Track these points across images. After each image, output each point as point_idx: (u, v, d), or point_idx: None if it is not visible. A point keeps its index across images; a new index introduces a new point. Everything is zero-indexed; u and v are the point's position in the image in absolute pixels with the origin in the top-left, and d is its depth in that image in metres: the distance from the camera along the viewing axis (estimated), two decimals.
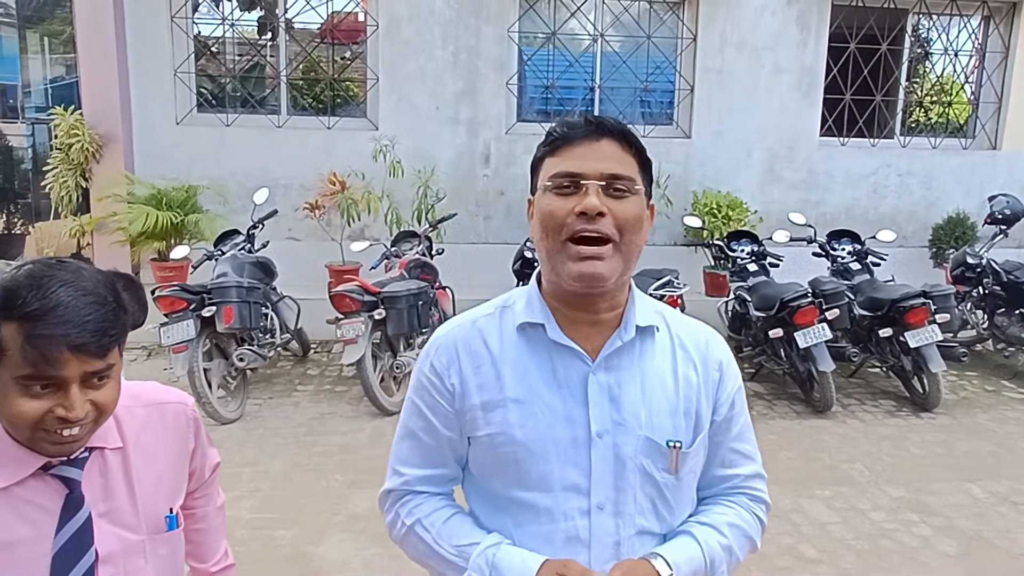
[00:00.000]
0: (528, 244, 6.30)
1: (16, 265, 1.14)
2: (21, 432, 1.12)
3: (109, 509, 1.21)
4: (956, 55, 8.32)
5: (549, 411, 1.27)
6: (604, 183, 1.22)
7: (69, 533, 1.16)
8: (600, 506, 1.27)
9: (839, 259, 6.31)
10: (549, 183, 1.25)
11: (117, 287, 1.18)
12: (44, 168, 7.29)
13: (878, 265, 6.28)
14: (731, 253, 6.34)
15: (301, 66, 7.79)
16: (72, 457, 1.18)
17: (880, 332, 5.65)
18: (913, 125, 8.56)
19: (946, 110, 8.57)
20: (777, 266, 6.20)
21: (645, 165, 1.30)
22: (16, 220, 9.16)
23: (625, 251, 1.24)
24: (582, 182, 1.22)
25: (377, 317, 5.19)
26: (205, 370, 4.97)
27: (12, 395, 1.09)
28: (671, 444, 1.29)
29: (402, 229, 6.77)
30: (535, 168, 1.32)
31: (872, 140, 8.16)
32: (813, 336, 5.29)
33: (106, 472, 1.22)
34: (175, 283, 5.13)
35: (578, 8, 7.65)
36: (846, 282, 5.96)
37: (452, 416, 1.32)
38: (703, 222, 6.89)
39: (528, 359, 1.30)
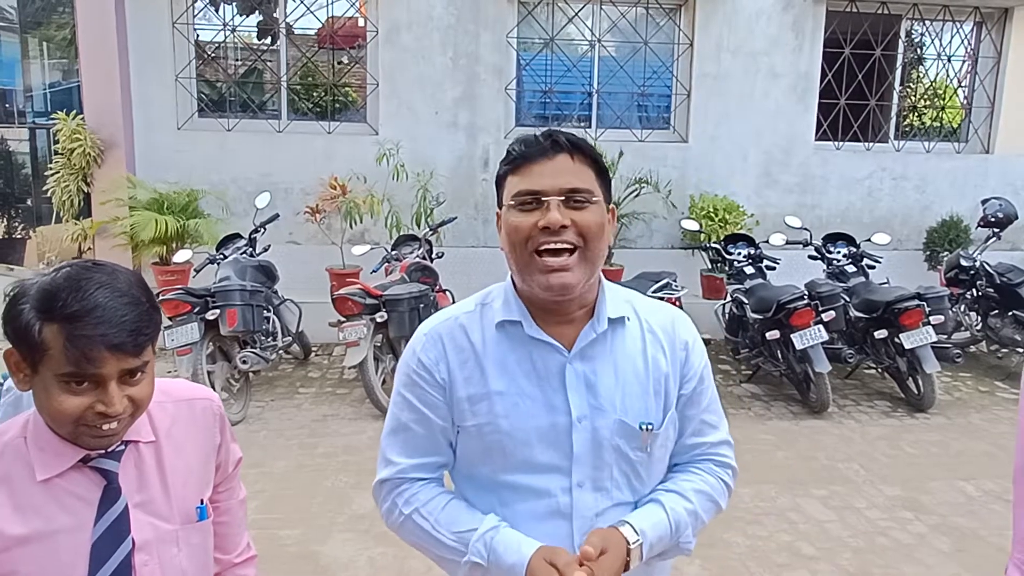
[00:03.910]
0: None
1: (53, 268, 1.20)
2: (63, 427, 1.18)
3: (144, 500, 1.27)
4: (949, 60, 8.40)
5: (531, 401, 1.36)
6: (563, 197, 1.31)
7: (107, 523, 1.22)
8: (580, 484, 1.37)
9: (835, 262, 6.38)
10: (512, 201, 1.34)
11: (149, 288, 1.24)
12: (45, 172, 7.33)
13: (873, 268, 6.36)
14: (728, 256, 6.40)
15: (301, 71, 7.84)
16: (109, 450, 1.23)
17: (875, 334, 5.72)
18: (907, 129, 8.64)
19: (939, 114, 8.66)
20: (773, 269, 6.26)
21: (602, 173, 1.38)
22: (17, 224, 9.19)
23: (590, 257, 1.33)
24: (543, 198, 1.31)
25: (379, 320, 5.24)
26: (209, 372, 5.02)
27: (54, 392, 1.15)
28: (643, 426, 1.38)
29: (402, 233, 6.83)
30: (499, 184, 1.41)
31: (867, 144, 8.24)
32: (809, 338, 5.36)
33: (141, 464, 1.28)
34: (179, 287, 5.18)
35: (576, 14, 7.72)
36: (842, 284, 6.03)
37: (444, 407, 1.40)
38: (700, 225, 6.96)
39: (508, 353, 1.39)
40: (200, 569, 1.35)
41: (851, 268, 6.30)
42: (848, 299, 5.86)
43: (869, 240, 6.43)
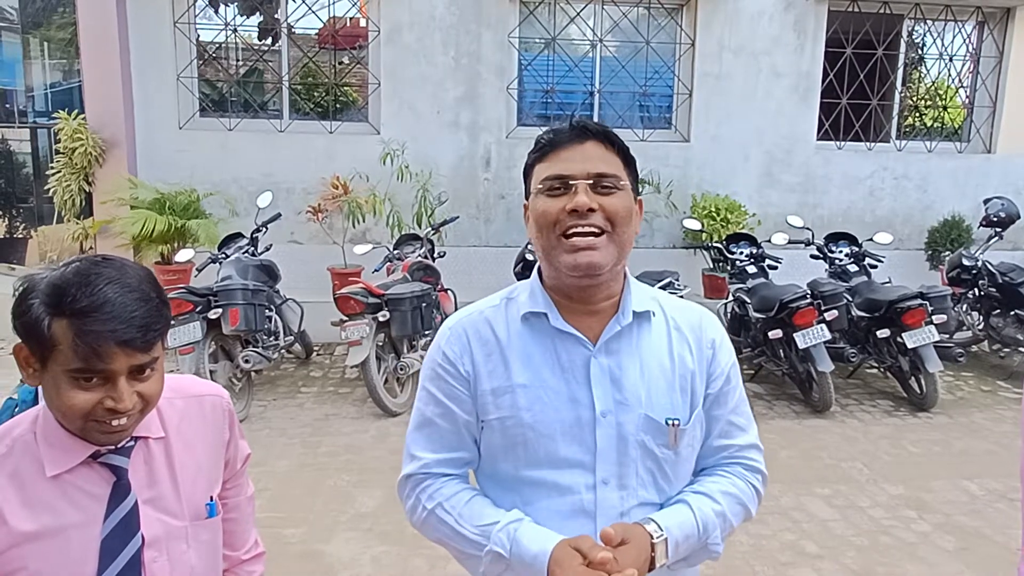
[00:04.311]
0: (529, 247, 6.37)
1: (63, 263, 1.19)
2: (73, 422, 1.17)
3: (154, 496, 1.26)
4: (951, 60, 8.40)
5: (554, 394, 1.35)
6: (591, 181, 1.31)
7: (117, 519, 1.21)
8: (605, 481, 1.35)
9: (837, 261, 6.38)
10: (541, 186, 1.34)
11: (159, 283, 1.23)
12: (47, 172, 7.33)
13: (875, 267, 6.35)
14: (730, 255, 6.40)
15: (303, 71, 7.84)
16: (119, 446, 1.23)
17: (878, 333, 5.72)
18: (909, 129, 8.64)
19: (941, 114, 8.66)
20: (775, 268, 6.26)
21: (629, 163, 1.38)
22: (19, 224, 9.18)
23: (618, 241, 1.32)
24: (571, 182, 1.31)
25: (381, 319, 5.24)
26: (211, 372, 5.03)
27: (64, 387, 1.14)
28: (670, 422, 1.36)
29: (404, 232, 6.83)
30: (527, 174, 1.41)
31: (868, 144, 8.24)
32: (812, 337, 5.35)
33: (150, 460, 1.27)
34: (181, 286, 5.18)
35: (577, 14, 7.71)
36: (844, 284, 6.02)
37: (468, 400, 1.39)
38: (702, 225, 6.96)
39: (533, 346, 1.37)
40: (209, 565, 1.35)
41: (853, 267, 6.30)
42: (850, 298, 5.85)
43: (871, 239, 6.42)
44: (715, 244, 6.72)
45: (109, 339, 1.11)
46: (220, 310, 5.02)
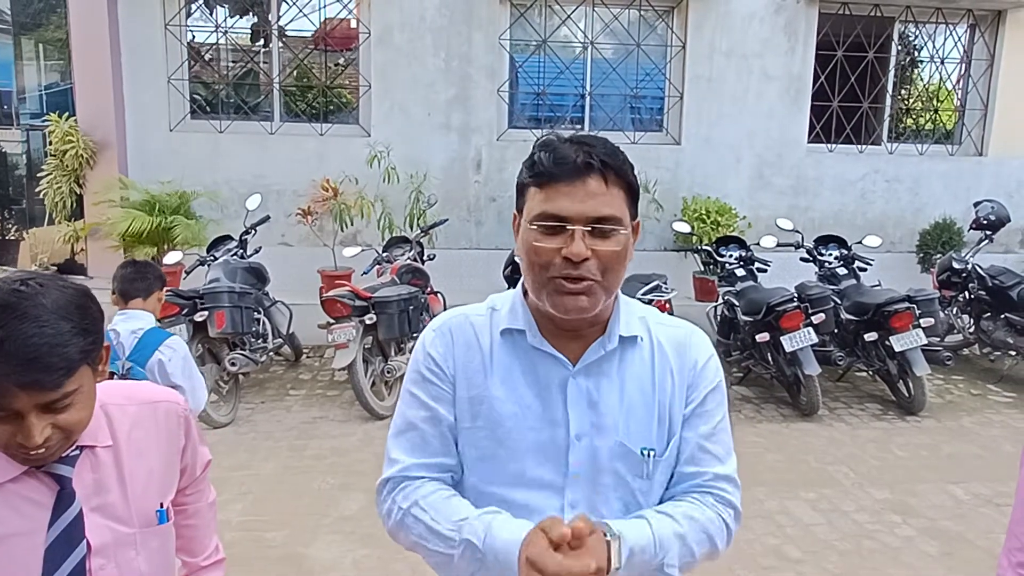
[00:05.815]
0: None
1: None
2: None
3: (101, 503, 1.26)
4: (942, 63, 8.41)
5: (529, 412, 1.31)
6: (589, 228, 1.24)
7: (61, 527, 1.20)
8: (573, 504, 1.30)
9: (826, 264, 6.37)
10: (534, 225, 1.26)
11: (87, 305, 1.18)
12: (39, 174, 7.33)
13: (864, 270, 6.35)
14: (720, 258, 6.39)
15: (294, 73, 7.84)
16: (64, 455, 1.22)
17: (866, 336, 5.72)
18: (900, 132, 8.64)
19: (933, 117, 8.67)
20: (765, 271, 6.26)
21: (632, 192, 1.30)
22: (10, 226, 9.19)
23: (607, 286, 1.27)
24: (568, 227, 1.23)
25: (368, 322, 5.24)
26: None
27: None
28: (645, 452, 1.32)
29: (394, 235, 6.82)
30: (520, 190, 1.32)
31: (860, 147, 8.24)
32: (799, 340, 5.35)
33: (98, 468, 1.26)
34: (168, 288, 5.16)
35: (568, 16, 7.72)
36: (832, 287, 6.02)
37: (451, 402, 1.34)
38: (692, 228, 6.95)
39: (512, 361, 1.34)
40: (160, 571, 1.34)
41: (842, 271, 6.29)
42: (839, 301, 5.85)
43: (860, 242, 6.42)
44: (705, 247, 6.72)
45: (6, 381, 1.07)
46: (206, 313, 5.02)
